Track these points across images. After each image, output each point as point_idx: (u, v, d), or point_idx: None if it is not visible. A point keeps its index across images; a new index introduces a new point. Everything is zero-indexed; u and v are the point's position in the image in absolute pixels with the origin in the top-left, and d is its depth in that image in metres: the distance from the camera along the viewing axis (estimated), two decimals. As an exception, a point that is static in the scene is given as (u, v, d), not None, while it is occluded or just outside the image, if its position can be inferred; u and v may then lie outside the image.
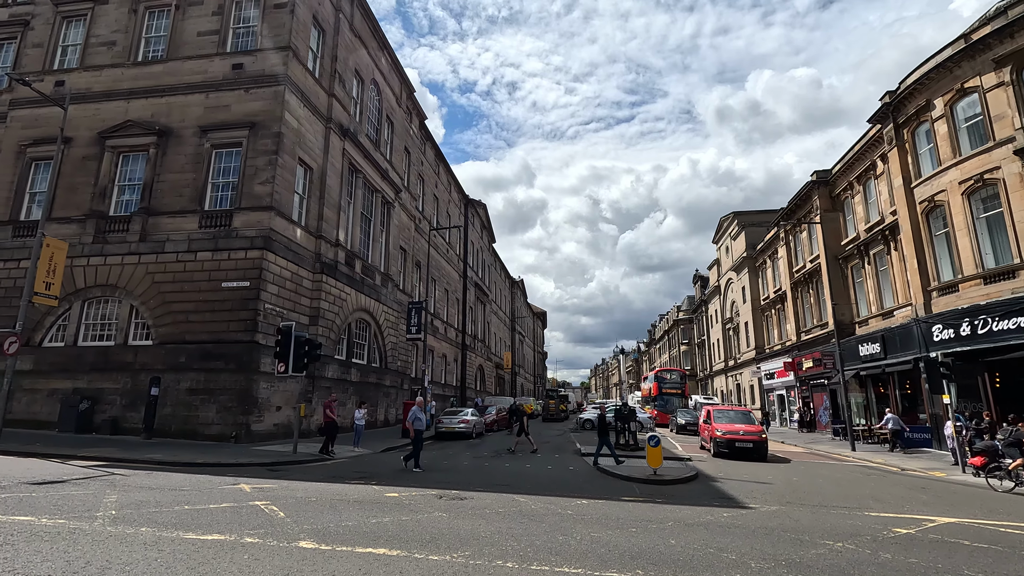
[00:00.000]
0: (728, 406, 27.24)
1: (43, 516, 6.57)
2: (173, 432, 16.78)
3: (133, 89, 20.40)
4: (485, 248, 58.84)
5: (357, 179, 25.01)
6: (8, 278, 19.17)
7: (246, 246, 18.08)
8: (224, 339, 17.44)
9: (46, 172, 20.48)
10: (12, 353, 14.23)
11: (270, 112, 19.31)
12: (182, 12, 21.05)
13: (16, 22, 23.32)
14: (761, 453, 18.03)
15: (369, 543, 6.02)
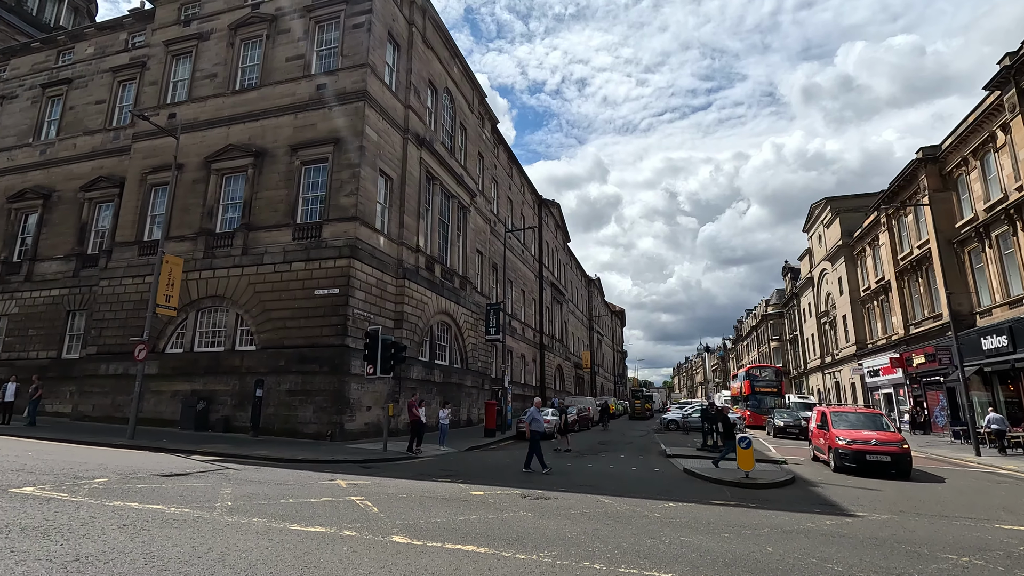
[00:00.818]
0: (850, 407, 22.62)
1: (172, 505, 7.32)
2: (276, 430, 18.11)
3: (233, 115, 22.24)
4: (560, 247, 58.69)
5: (434, 186, 25.80)
6: (136, 292, 21.52)
7: (335, 255, 19.18)
8: (318, 343, 18.59)
9: (163, 196, 22.80)
10: (141, 359, 15.97)
11: (352, 127, 20.37)
12: (272, 41, 22.69)
13: (135, 64, 26.18)
14: (903, 469, 13.90)
15: (458, 540, 6.19)
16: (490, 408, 23.07)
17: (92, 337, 22.16)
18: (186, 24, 24.39)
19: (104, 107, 26.69)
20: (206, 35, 23.84)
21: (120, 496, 7.80)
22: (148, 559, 5.04)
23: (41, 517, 6.39)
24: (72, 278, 24.56)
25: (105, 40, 28.01)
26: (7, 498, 7.36)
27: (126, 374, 20.65)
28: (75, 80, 27.77)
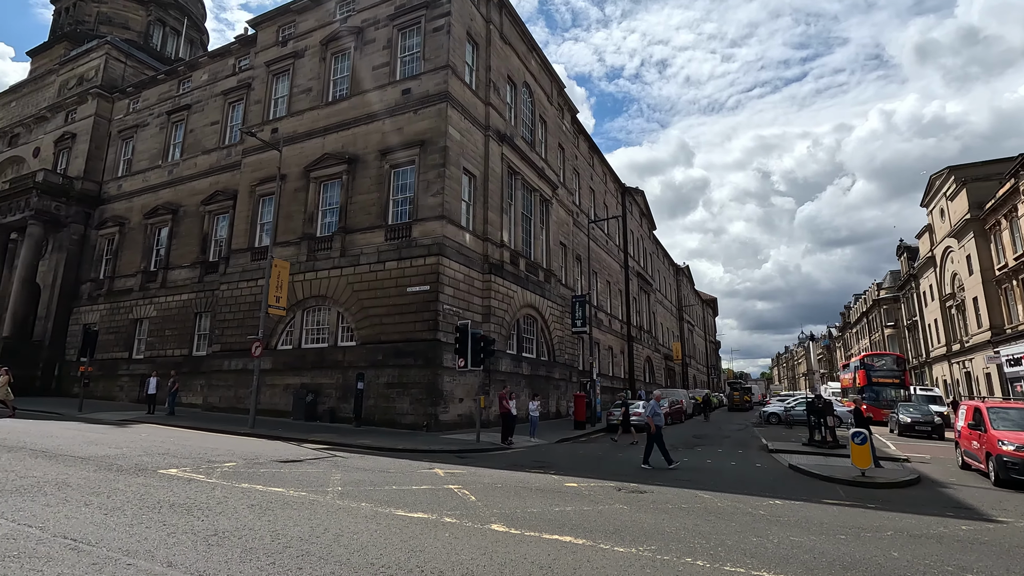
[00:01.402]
0: (1017, 402, 18.42)
1: (290, 488, 7.99)
2: (376, 421, 19.17)
3: (327, 126, 23.69)
4: (645, 236, 57.12)
5: (516, 180, 26.01)
6: (250, 294, 23.60)
7: (424, 253, 19.91)
8: (412, 338, 19.42)
9: (269, 205, 24.77)
10: (257, 355, 17.52)
11: (436, 129, 21.00)
12: (360, 52, 23.88)
13: (242, 85, 28.60)
14: None
15: (555, 530, 6.24)
16: (579, 400, 22.98)
17: (215, 336, 24.61)
18: (283, 44, 26.27)
19: (218, 127, 29.44)
20: (301, 52, 25.54)
21: (247, 479, 8.62)
22: (274, 537, 5.54)
23: (185, 495, 7.21)
24: (198, 283, 27.40)
25: (216, 66, 30.84)
26: (157, 478, 8.38)
27: (245, 369, 22.72)
28: (194, 105, 30.84)
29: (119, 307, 29.98)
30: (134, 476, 8.42)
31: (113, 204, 32.72)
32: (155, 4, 44.31)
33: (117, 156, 33.80)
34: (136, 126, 33.23)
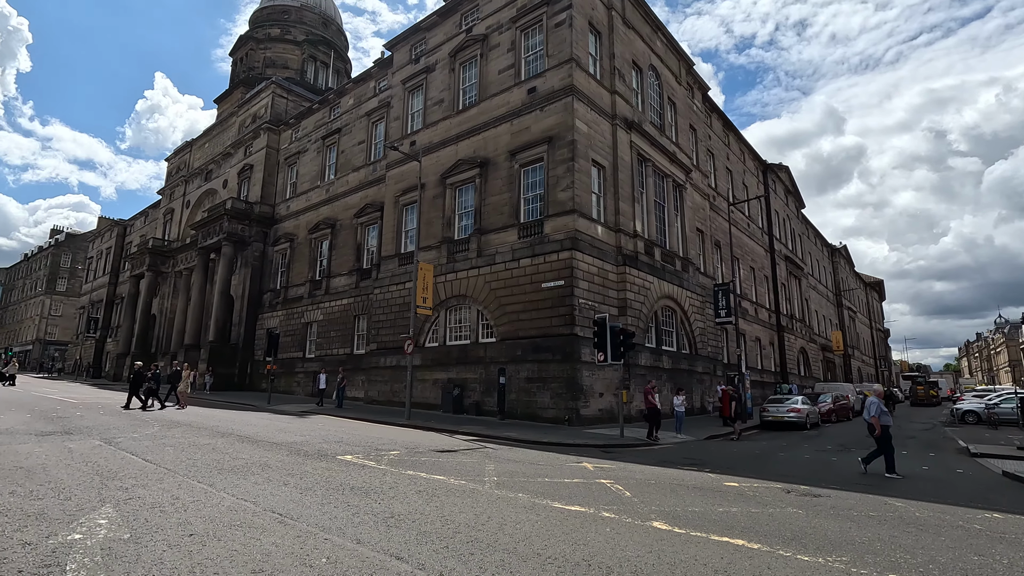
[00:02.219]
0: None
1: (451, 477, 8.44)
2: (519, 414, 19.67)
3: (459, 133, 24.82)
4: (792, 215, 51.98)
5: (646, 168, 25.11)
6: (399, 297, 25.55)
7: (557, 249, 20.01)
8: (549, 333, 19.64)
9: (411, 213, 26.62)
10: (409, 352, 18.90)
11: (563, 123, 20.98)
12: (485, 59, 24.67)
13: (383, 105, 31.07)
14: None
15: (723, 531, 5.84)
16: (727, 395, 21.54)
17: (372, 336, 27.04)
18: (416, 61, 28.04)
19: (364, 146, 32.32)
20: (432, 67, 27.06)
21: (411, 467, 9.29)
22: (444, 522, 5.86)
23: (361, 480, 7.94)
24: (355, 289, 30.32)
25: (360, 90, 33.87)
26: (336, 464, 9.35)
27: (398, 365, 24.65)
28: (343, 128, 34.20)
29: (293, 312, 34.23)
30: (318, 461, 9.49)
31: (284, 223, 37.45)
32: (307, 43, 49.90)
33: (284, 180, 38.63)
34: (298, 152, 37.69)
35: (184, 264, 44.49)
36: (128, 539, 5.00)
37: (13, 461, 8.70)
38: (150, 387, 19.89)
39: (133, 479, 7.57)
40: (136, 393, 19.57)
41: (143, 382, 19.73)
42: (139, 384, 19.68)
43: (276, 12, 51.85)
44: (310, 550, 4.83)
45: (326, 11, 54.09)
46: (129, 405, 19.23)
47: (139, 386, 19.66)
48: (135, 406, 19.16)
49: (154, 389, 20.06)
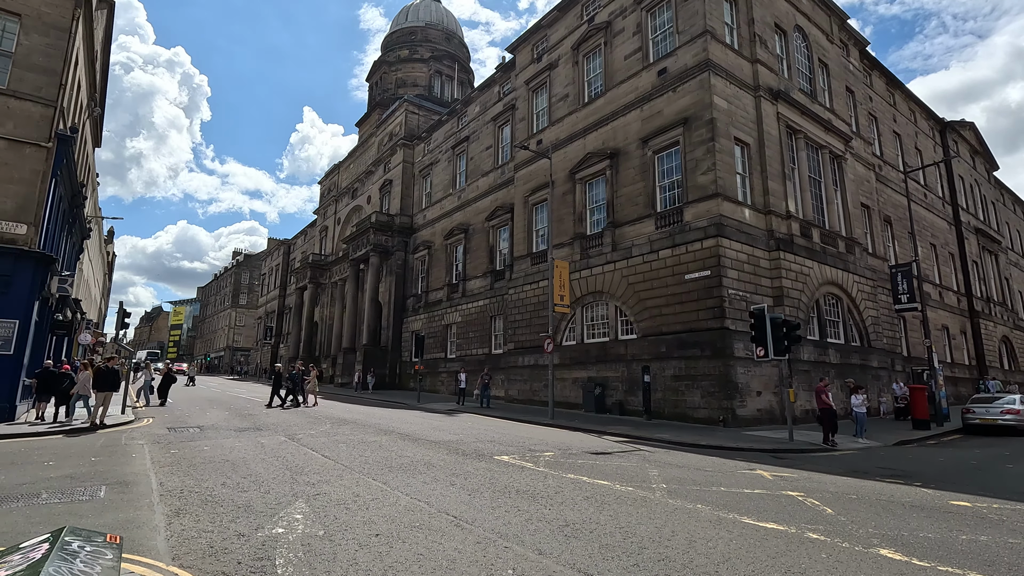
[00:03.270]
0: None
1: (615, 482, 7.97)
2: (666, 414, 18.62)
3: (586, 126, 24.27)
4: (982, 180, 43.81)
5: (797, 140, 22.53)
6: (533, 296, 25.64)
7: (700, 237, 18.62)
8: (695, 328, 18.33)
9: (541, 212, 26.60)
10: (550, 351, 18.75)
11: (699, 102, 19.52)
12: (609, 46, 23.85)
13: (507, 108, 31.52)
14: None
15: (984, 569, 4.69)
16: (917, 394, 18.51)
17: (508, 335, 27.47)
18: (538, 60, 28.00)
19: (491, 151, 33.06)
20: (555, 63, 26.82)
21: (569, 469, 8.97)
22: (624, 534, 5.41)
23: (524, 483, 7.77)
24: (489, 291, 31.10)
25: (484, 97, 34.74)
26: (495, 464, 9.34)
27: (536, 365, 24.74)
28: (471, 136, 35.32)
29: (433, 315, 36.07)
30: (477, 461, 9.56)
31: (421, 231, 39.66)
32: (433, 59, 52.55)
33: (420, 191, 40.92)
34: (431, 164, 39.70)
35: (338, 275, 49.10)
36: (323, 536, 5.24)
37: (221, 454, 9.88)
38: (287, 387, 22.08)
39: (317, 475, 8.14)
40: (277, 392, 21.93)
41: (282, 382, 22.05)
42: (279, 384, 22.06)
43: (404, 34, 55.33)
44: (493, 559, 4.66)
45: (448, 26, 56.61)
46: (272, 403, 21.52)
47: (280, 385, 22.03)
48: (275, 404, 21.43)
49: (291, 388, 22.14)
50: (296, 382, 22.29)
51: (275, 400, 21.72)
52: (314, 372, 24.07)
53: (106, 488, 7.12)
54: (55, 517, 5.79)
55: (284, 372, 22.80)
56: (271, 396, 21.96)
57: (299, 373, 23.10)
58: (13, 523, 5.59)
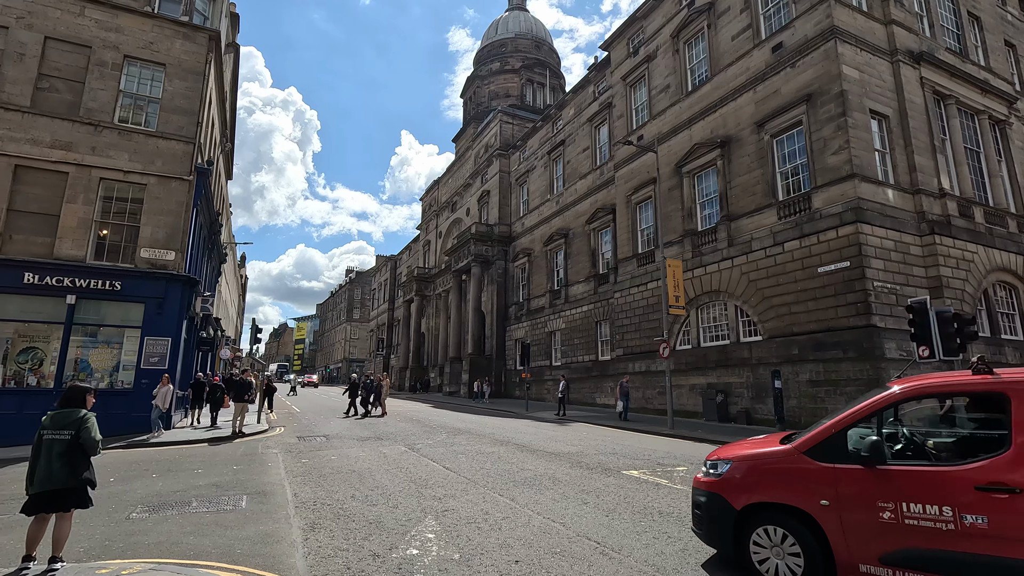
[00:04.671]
0: None
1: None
2: (803, 424, 16.64)
3: (691, 116, 22.81)
4: None
5: (947, 107, 19.53)
6: (642, 298, 24.43)
7: (834, 224, 16.60)
8: (834, 326, 16.30)
9: (645, 211, 25.38)
10: (666, 356, 17.57)
11: (825, 74, 17.50)
12: (713, 28, 22.28)
13: (603, 107, 30.65)
14: None
15: None
16: None
17: (616, 341, 26.40)
18: (635, 53, 26.90)
19: (589, 152, 32.30)
20: (653, 54, 25.59)
21: (711, 488, 8.00)
22: (810, 575, 4.47)
23: (666, 503, 6.97)
24: (593, 295, 30.23)
25: (579, 99, 34.11)
26: (625, 479, 8.58)
27: (648, 371, 23.47)
28: (566, 139, 34.82)
29: (536, 323, 35.78)
30: (604, 476, 8.86)
31: (520, 239, 39.69)
32: (524, 68, 52.89)
33: (518, 200, 41.03)
34: (527, 171, 39.70)
35: (442, 287, 50.57)
36: (459, 560, 4.85)
37: (347, 465, 10.02)
38: (362, 395, 22.66)
39: (442, 488, 7.89)
40: (354, 401, 22.54)
41: (359, 391, 22.66)
42: (356, 393, 22.68)
43: (494, 47, 56.30)
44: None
45: (537, 34, 56.80)
46: (349, 412, 22.13)
47: (356, 395, 22.63)
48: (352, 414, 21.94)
49: (364, 397, 22.69)
50: (368, 391, 22.93)
51: (351, 410, 22.40)
52: (386, 381, 24.31)
53: (247, 498, 7.33)
54: (204, 527, 5.94)
55: (359, 382, 23.75)
56: (348, 406, 22.73)
57: (373, 383, 23.68)
58: (168, 532, 5.79)
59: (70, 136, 15.23)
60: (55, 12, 15.77)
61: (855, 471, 4.08)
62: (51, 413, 4.68)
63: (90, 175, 15.17)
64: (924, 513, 3.77)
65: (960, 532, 3.64)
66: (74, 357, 14.87)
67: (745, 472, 4.68)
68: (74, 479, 4.53)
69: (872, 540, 3.94)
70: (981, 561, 3.58)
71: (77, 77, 15.62)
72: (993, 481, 3.61)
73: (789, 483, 4.39)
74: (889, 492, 3.90)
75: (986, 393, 4.06)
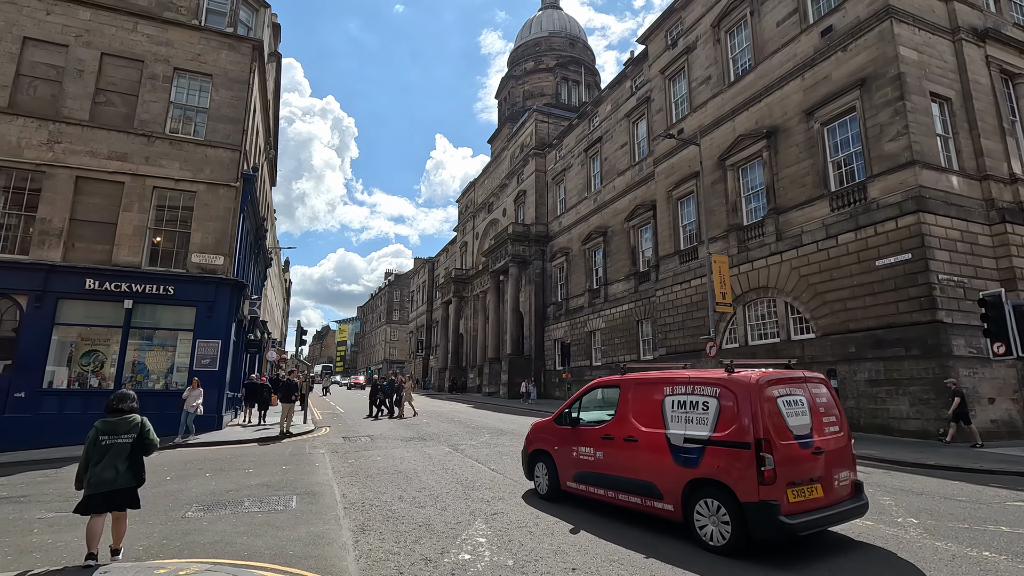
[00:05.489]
0: None
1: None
2: (863, 426, 15.84)
3: (734, 107, 22.06)
4: None
5: (1016, 87, 18.26)
6: (685, 296, 23.78)
7: (893, 214, 15.69)
8: (895, 323, 15.41)
9: (687, 207, 24.71)
10: (713, 355, 17.01)
11: (880, 57, 16.59)
12: (757, 15, 21.49)
13: (641, 102, 30.06)
14: None
15: None
16: None
17: (659, 340, 25.79)
18: (673, 45, 26.25)
19: (627, 148, 31.74)
20: (692, 45, 24.90)
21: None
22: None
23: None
24: (634, 294, 29.66)
25: (616, 95, 33.57)
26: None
27: (693, 370, 22.82)
28: (603, 136, 34.32)
29: (576, 322, 35.40)
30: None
31: (558, 238, 39.38)
32: (558, 66, 52.53)
33: (555, 199, 40.73)
34: (563, 170, 39.35)
35: (479, 288, 50.71)
36: (513, 567, 4.68)
37: (393, 465, 10.01)
38: (380, 397, 22.66)
39: (489, 490, 7.75)
40: (374, 402, 22.57)
41: (379, 393, 22.72)
42: (376, 395, 22.77)
43: (528, 47, 56.13)
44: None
45: (571, 31, 56.32)
46: (375, 413, 22.13)
47: (377, 396, 22.71)
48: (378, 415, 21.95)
49: (382, 399, 22.69)
50: (388, 392, 22.92)
51: (374, 411, 22.37)
52: (408, 382, 24.11)
53: (296, 498, 7.36)
54: (256, 528, 5.96)
55: (381, 382, 23.90)
56: (370, 407, 22.77)
57: (393, 383, 23.61)
58: (223, 532, 5.83)
59: (125, 147, 15.85)
60: (110, 29, 16.47)
61: (566, 430, 7.32)
62: (106, 420, 4.88)
63: (144, 184, 15.76)
64: (585, 452, 6.87)
65: (596, 462, 6.66)
66: (132, 359, 15.46)
67: (530, 433, 8.20)
68: (136, 479, 4.86)
69: (570, 467, 7.09)
70: (601, 475, 6.54)
71: (131, 90, 16.26)
72: (605, 433, 6.61)
73: (545, 438, 7.76)
74: (577, 441, 7.06)
75: (611, 385, 7.25)
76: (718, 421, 5.38)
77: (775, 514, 4.69)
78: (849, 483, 5.41)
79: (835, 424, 5.67)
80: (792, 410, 5.32)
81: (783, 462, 4.93)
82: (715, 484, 5.17)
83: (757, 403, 5.16)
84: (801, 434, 5.22)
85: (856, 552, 5.02)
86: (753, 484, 4.86)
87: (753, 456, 4.93)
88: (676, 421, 5.77)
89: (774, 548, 5.06)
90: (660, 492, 5.63)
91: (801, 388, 5.62)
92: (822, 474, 5.17)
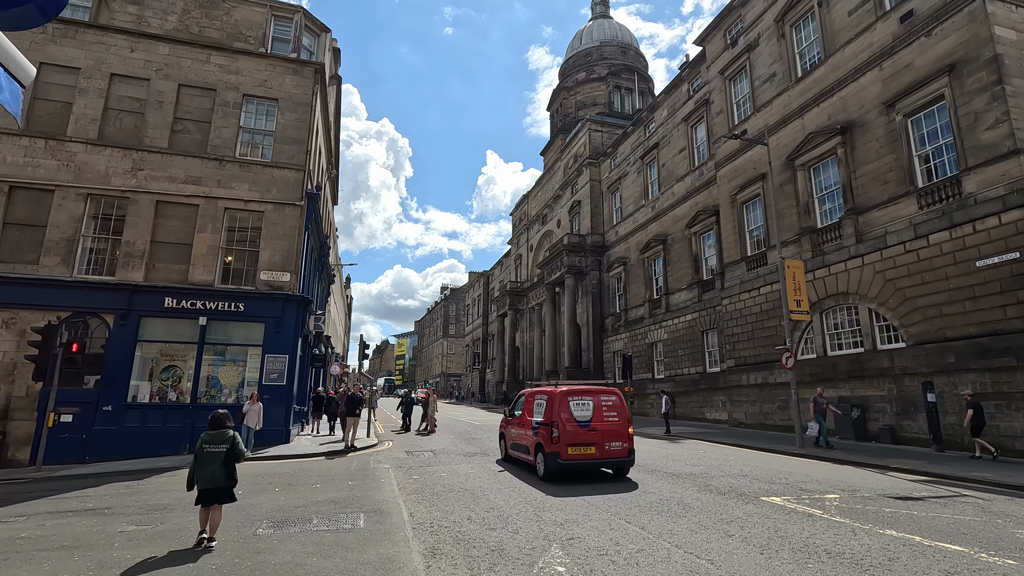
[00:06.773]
0: None
1: (972, 548, 5.63)
2: (967, 445, 14.25)
3: (802, 104, 20.87)
4: None
5: None
6: (754, 304, 22.53)
7: (995, 209, 14.21)
8: (1002, 329, 13.86)
9: (752, 210, 23.50)
10: (790, 367, 15.89)
11: (971, 39, 15.21)
12: (825, 6, 20.32)
13: (699, 105, 29.08)
14: None
15: None
16: None
17: (727, 351, 24.52)
18: (733, 44, 25.26)
19: (685, 153, 30.73)
20: (754, 43, 23.86)
21: (879, 521, 6.76)
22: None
23: (830, 541, 5.90)
24: (697, 303, 28.46)
25: (672, 99, 32.69)
26: (767, 507, 7.52)
27: (765, 383, 21.50)
28: (660, 142, 33.44)
29: (635, 334, 34.37)
30: (742, 502, 7.85)
31: (614, 248, 38.56)
32: (610, 75, 51.97)
33: (610, 208, 40.00)
34: (619, 178, 38.62)
35: (535, 300, 50.39)
36: (599, 602, 4.24)
37: (458, 482, 9.74)
38: (403, 411, 23.54)
39: (562, 512, 7.32)
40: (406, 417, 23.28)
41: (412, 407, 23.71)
42: (408, 410, 23.57)
43: (579, 57, 55.92)
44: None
45: (623, 39, 55.70)
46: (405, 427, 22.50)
47: (409, 411, 23.50)
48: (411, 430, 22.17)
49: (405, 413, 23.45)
50: (408, 408, 23.62)
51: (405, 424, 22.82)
52: (433, 397, 23.77)
53: (364, 516, 7.20)
54: (325, 548, 5.80)
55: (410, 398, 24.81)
56: (402, 422, 23.20)
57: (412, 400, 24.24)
58: (292, 551, 5.71)
59: (200, 172, 16.67)
60: (187, 61, 17.46)
61: (511, 419, 12.64)
62: (208, 433, 6.25)
63: (216, 206, 16.48)
64: (518, 432, 11.89)
65: (517, 436, 11.92)
66: (206, 374, 16.07)
67: (501, 425, 13.52)
68: (230, 480, 6.18)
69: (511, 442, 12.37)
70: (518, 443, 11.65)
71: (204, 118, 17.12)
72: (521, 420, 11.73)
73: (505, 427, 13.11)
74: (514, 426, 12.25)
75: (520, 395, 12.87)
76: (544, 412, 10.28)
77: (558, 459, 9.49)
78: (621, 447, 9.77)
79: (615, 416, 10.00)
80: (579, 408, 9.92)
81: (564, 434, 9.56)
82: (540, 445, 10.01)
83: (557, 404, 9.91)
84: (582, 420, 9.76)
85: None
86: (549, 444, 9.62)
87: (550, 430, 9.69)
88: (536, 414, 10.78)
89: (562, 476, 9.76)
90: (529, 450, 10.73)
91: (591, 397, 10.13)
92: (595, 441, 9.64)
